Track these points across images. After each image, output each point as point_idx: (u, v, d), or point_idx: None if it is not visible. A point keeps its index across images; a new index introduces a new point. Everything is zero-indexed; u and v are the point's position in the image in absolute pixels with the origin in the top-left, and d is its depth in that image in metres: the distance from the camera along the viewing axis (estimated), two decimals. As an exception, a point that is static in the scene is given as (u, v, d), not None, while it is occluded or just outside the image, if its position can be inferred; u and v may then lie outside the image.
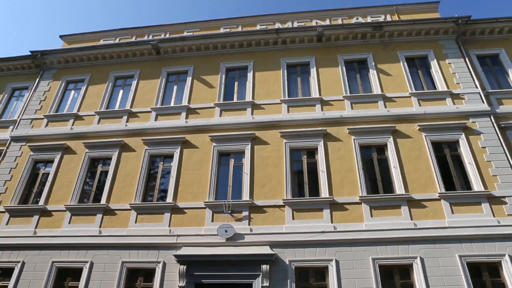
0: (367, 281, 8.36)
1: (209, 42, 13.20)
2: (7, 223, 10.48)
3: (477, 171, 9.62)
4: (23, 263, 9.66)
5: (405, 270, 8.59)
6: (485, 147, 10.00)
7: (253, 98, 11.89)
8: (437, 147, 10.31)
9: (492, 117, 10.50)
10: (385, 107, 11.12)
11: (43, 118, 12.68)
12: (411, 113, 10.80)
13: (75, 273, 9.44)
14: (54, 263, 9.55)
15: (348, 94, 11.52)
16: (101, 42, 15.55)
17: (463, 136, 10.26)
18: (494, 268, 8.43)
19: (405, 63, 12.08)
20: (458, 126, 10.42)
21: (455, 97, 11.08)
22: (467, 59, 11.84)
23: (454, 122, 10.48)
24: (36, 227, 10.27)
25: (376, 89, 11.58)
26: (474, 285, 8.13)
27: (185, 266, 8.84)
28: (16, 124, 12.74)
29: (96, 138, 11.76)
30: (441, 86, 11.41)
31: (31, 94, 13.60)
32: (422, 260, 8.49)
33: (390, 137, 10.45)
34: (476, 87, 11.16)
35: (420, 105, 11.02)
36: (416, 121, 10.67)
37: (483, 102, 10.82)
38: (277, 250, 8.93)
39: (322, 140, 10.62)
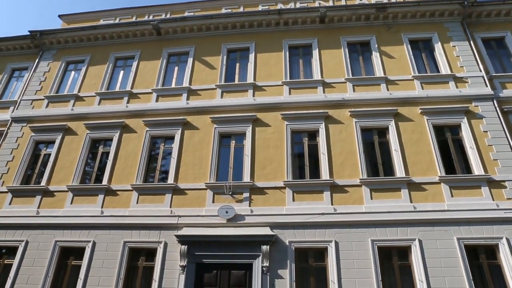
0: (366, 262, 8.49)
1: (210, 23, 13.02)
2: (10, 203, 10.59)
3: (478, 155, 9.62)
4: (27, 242, 9.80)
5: (404, 252, 8.71)
6: (486, 131, 9.97)
7: (254, 79, 11.79)
8: (438, 130, 10.28)
9: (495, 101, 10.42)
10: (388, 90, 11.04)
11: (43, 99, 12.64)
12: (414, 96, 10.73)
13: (78, 252, 9.59)
14: (57, 243, 9.69)
15: (351, 77, 11.41)
16: (101, 22, 15.32)
17: (465, 120, 10.21)
18: (491, 251, 8.55)
19: (409, 46, 11.91)
20: (461, 110, 10.36)
21: (459, 80, 10.98)
22: (472, 42, 11.67)
23: (457, 106, 10.42)
24: (38, 207, 10.37)
25: (378, 72, 11.46)
26: (471, 267, 8.24)
27: (186, 246, 8.97)
28: (17, 105, 12.70)
29: (97, 119, 11.74)
30: (444, 69, 11.29)
31: (31, 74, 13.51)
32: (420, 242, 8.59)
33: (391, 120, 10.41)
34: (480, 71, 11.04)
35: (422, 88, 10.93)
36: (418, 104, 10.60)
37: (487, 86, 10.72)
38: (277, 231, 9.04)
39: (323, 123, 10.59)
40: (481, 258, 8.50)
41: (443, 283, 8.07)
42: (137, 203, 10.03)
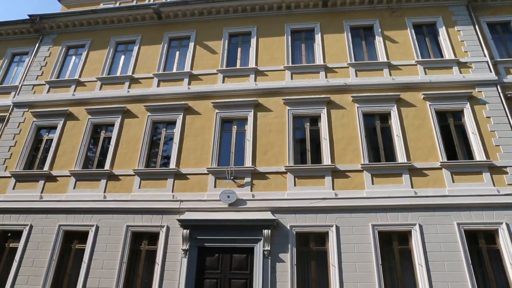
0: (366, 247, 8.58)
1: (212, 7, 12.83)
2: (13, 188, 10.68)
3: (480, 141, 9.60)
4: (31, 226, 9.93)
5: (404, 237, 8.79)
6: (489, 117, 9.92)
7: (256, 64, 11.70)
8: (441, 116, 10.23)
9: (498, 87, 10.34)
10: (390, 75, 10.94)
11: (44, 84, 12.59)
12: (416, 82, 10.64)
13: (82, 236, 9.72)
14: (61, 227, 9.81)
15: (353, 62, 11.29)
16: (101, 6, 15.16)
17: (468, 105, 10.15)
18: (491, 236, 8.62)
19: (413, 30, 11.75)
20: (464, 95, 10.28)
21: (462, 65, 10.87)
22: (477, 26, 11.49)
23: (460, 91, 10.33)
24: (42, 192, 10.45)
25: (381, 57, 11.34)
26: (470, 251, 8.32)
27: (188, 230, 9.06)
28: (18, 90, 12.67)
29: (98, 104, 11.72)
30: (448, 54, 11.16)
31: (31, 59, 13.42)
32: (421, 227, 8.65)
33: (394, 106, 10.35)
34: (484, 56, 10.91)
35: (426, 74, 10.83)
36: (421, 89, 10.53)
37: (491, 71, 10.61)
38: (279, 216, 9.11)
39: (325, 108, 10.55)
40: (480, 243, 8.57)
41: (443, 267, 8.16)
42: (139, 188, 10.09)
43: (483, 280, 8.22)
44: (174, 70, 12.19)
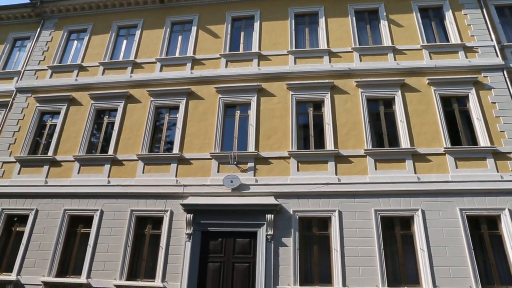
0: (368, 231, 8.64)
1: (214, -10, 12.66)
2: (18, 173, 10.77)
3: (485, 126, 9.54)
4: (37, 211, 10.06)
5: (406, 222, 8.84)
6: (495, 103, 9.83)
7: (259, 49, 11.57)
8: (445, 101, 10.14)
9: (505, 72, 10.21)
10: (395, 59, 10.81)
11: (47, 69, 12.54)
12: (421, 66, 10.51)
13: (87, 220, 9.85)
14: (66, 211, 9.93)
15: (357, 46, 11.14)
16: (102, -11, 14.95)
17: (473, 91, 10.04)
18: (493, 222, 8.66)
19: (418, 14, 11.54)
20: (469, 80, 10.16)
21: (468, 50, 10.71)
22: (484, 9, 11.26)
23: (465, 76, 10.21)
24: (46, 177, 10.54)
25: (386, 41, 11.19)
26: (472, 237, 8.36)
27: (191, 215, 9.14)
28: (20, 75, 12.63)
29: (101, 89, 11.68)
30: (454, 38, 10.99)
31: (33, 44, 13.33)
32: (423, 212, 8.68)
33: (398, 91, 10.26)
34: (491, 40, 10.73)
35: (431, 58, 10.69)
36: (426, 74, 10.41)
37: (497, 55, 10.46)
38: (282, 201, 9.16)
39: (329, 93, 10.47)
40: (482, 228, 8.60)
41: (444, 252, 8.23)
42: (143, 172, 10.14)
43: (484, 265, 8.28)
44: (177, 55, 12.08)
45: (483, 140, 9.42)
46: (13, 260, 9.60)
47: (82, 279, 8.97)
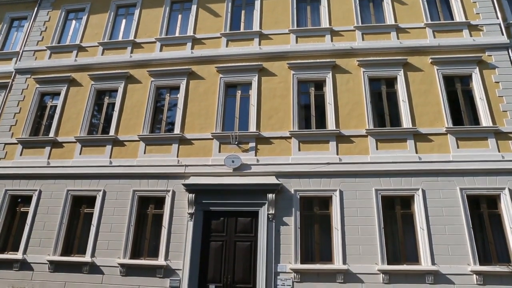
0: (369, 211, 8.72)
1: (215, -33, 12.35)
2: (21, 154, 10.79)
3: (487, 106, 9.49)
4: (40, 191, 10.13)
5: (406, 201, 8.91)
6: (498, 82, 9.74)
7: (260, 27, 11.39)
8: (448, 81, 10.05)
9: (510, 51, 10.09)
10: (398, 38, 10.65)
11: (45, 50, 12.39)
12: (425, 45, 10.37)
13: (90, 200, 9.93)
14: (69, 192, 10.00)
15: (360, 25, 10.97)
16: (99, -33, 14.61)
17: (476, 70, 9.94)
18: (493, 201, 8.72)
19: (423, -10, 11.32)
20: (473, 59, 10.04)
21: (473, 28, 10.53)
22: (490, -14, 11.04)
23: (469, 55, 10.08)
24: (49, 158, 10.57)
25: (389, 19, 11.00)
26: (471, 216, 8.44)
27: (193, 195, 9.21)
28: (19, 56, 12.49)
29: (101, 70, 11.58)
30: (459, 16, 10.80)
31: (30, 24, 13.14)
32: (423, 192, 8.74)
33: (400, 70, 10.15)
34: (497, 18, 10.55)
35: (434, 37, 10.54)
36: (429, 53, 10.28)
37: (503, 34, 10.30)
38: (283, 180, 9.21)
39: (330, 72, 10.37)
40: (482, 207, 8.67)
41: (444, 231, 8.32)
42: (144, 153, 10.16)
43: (483, 243, 8.39)
44: (177, 34, 11.90)
45: (485, 120, 9.38)
46: (18, 240, 9.73)
47: (87, 258, 9.12)
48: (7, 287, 9.13)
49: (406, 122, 9.55)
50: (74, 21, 13.05)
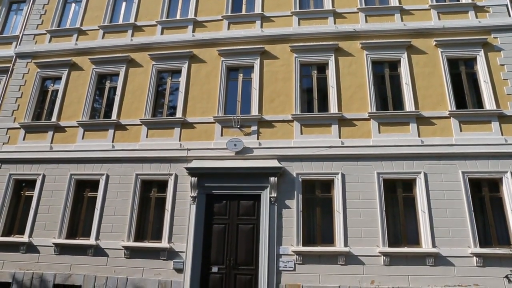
0: (371, 194, 8.76)
1: None
2: (23, 139, 10.82)
3: (492, 89, 9.39)
4: (44, 176, 10.20)
5: (408, 184, 8.93)
6: (503, 65, 9.61)
7: (262, 10, 11.22)
8: (452, 64, 9.92)
9: (516, 32, 9.93)
10: (402, 20, 10.48)
11: (45, 34, 12.28)
12: (429, 27, 10.21)
13: (93, 184, 10.01)
14: (72, 176, 10.07)
15: (363, 6, 10.77)
16: (98, -52, 14.33)
17: (481, 52, 9.80)
18: (494, 184, 8.72)
19: (428, -29, 11.07)
20: (478, 42, 9.88)
21: (479, 9, 10.34)
22: (498, -36, 10.77)
23: (474, 38, 9.92)
24: (51, 142, 10.61)
25: (393, 1, 10.81)
26: (473, 199, 8.46)
27: (196, 178, 9.26)
28: (19, 40, 12.40)
29: (102, 54, 11.48)
30: (465, -3, 10.61)
31: (30, 7, 12.96)
32: (425, 175, 8.75)
33: (404, 53, 10.03)
34: (504, -2, 10.36)
35: (439, 19, 10.36)
36: (433, 36, 10.12)
37: (509, 15, 10.12)
38: (285, 164, 9.22)
39: (333, 55, 10.26)
40: (483, 191, 8.69)
41: (445, 214, 8.36)
42: (146, 137, 10.17)
43: (484, 226, 8.44)
44: (178, 17, 11.75)
45: (489, 103, 9.31)
46: (24, 223, 9.86)
47: (91, 241, 9.24)
48: (15, 269, 9.32)
49: (409, 105, 9.49)
50: (73, 4, 12.87)
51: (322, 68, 10.39)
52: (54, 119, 10.86)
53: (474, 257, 7.97)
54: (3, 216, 10.02)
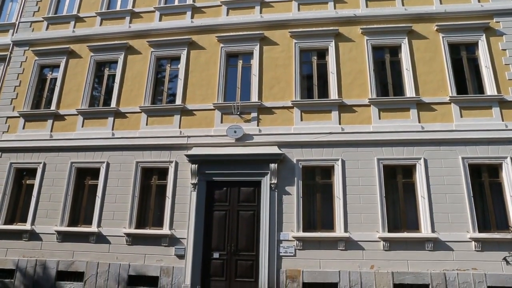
0: (371, 180, 8.79)
1: None
2: (23, 127, 10.81)
3: (493, 74, 9.33)
4: (44, 164, 10.22)
5: (408, 170, 8.95)
6: (505, 50, 9.53)
7: (261, -6, 11.09)
8: (453, 49, 9.83)
9: (518, 16, 9.81)
10: (403, 5, 10.34)
11: (42, 21, 12.14)
12: (430, 12, 10.08)
13: (94, 172, 10.04)
14: (73, 164, 10.09)
15: (364, -10, 10.64)
16: None
17: (483, 37, 9.70)
18: (494, 170, 8.75)
19: (429, -47, 10.87)
20: (480, 26, 9.77)
21: (481, -8, 10.22)
22: None
23: (476, 22, 9.81)
24: (51, 131, 10.60)
25: (395, -16, 10.67)
26: (472, 184, 8.50)
27: (196, 165, 9.28)
28: (16, 28, 12.26)
29: (100, 41, 11.37)
30: (466, -20, 10.45)
31: (26, -6, 12.82)
32: (425, 161, 8.77)
33: (405, 38, 9.93)
34: (507, -19, 10.20)
35: (441, 3, 10.22)
36: (434, 20, 10.01)
37: (513, -2, 10.01)
38: (285, 150, 9.22)
39: (333, 41, 10.15)
40: (483, 176, 8.72)
41: (444, 199, 8.41)
42: (146, 124, 10.15)
43: (483, 211, 8.50)
44: (176, 3, 11.60)
45: (490, 89, 9.26)
46: (26, 211, 9.92)
47: (93, 228, 9.32)
48: (18, 256, 9.42)
49: (409, 91, 9.44)
50: (70, -10, 12.70)
51: (322, 54, 10.31)
52: (53, 107, 10.82)
53: (473, 242, 8.04)
54: (5, 204, 10.08)
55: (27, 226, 9.62)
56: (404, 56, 9.82)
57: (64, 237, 9.43)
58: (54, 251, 9.35)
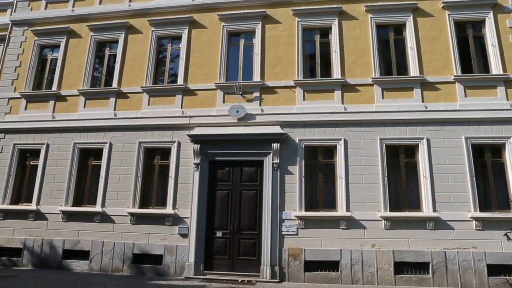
0: (373, 159, 8.80)
1: None
2: (25, 108, 10.82)
3: (499, 53, 9.18)
4: (48, 145, 10.27)
5: (411, 150, 8.94)
6: (512, 27, 9.36)
7: (263, -29, 10.81)
8: (459, 27, 9.65)
9: (529, -8, 9.57)
10: (409, -20, 10.13)
11: (41, 0, 11.96)
12: (437, -12, 9.87)
13: (97, 153, 10.10)
14: (76, 144, 10.14)
15: (368, -33, 10.37)
16: None
17: (490, 14, 9.49)
18: (497, 150, 8.73)
19: None
20: (488, 3, 9.54)
21: (491, -34, 9.94)
22: None
23: (484, -2, 9.58)
24: (53, 112, 10.60)
25: (401, -40, 10.38)
26: (475, 164, 8.50)
27: (198, 145, 9.30)
28: (14, 7, 12.09)
29: (99, 20, 11.22)
30: (475, -47, 10.13)
31: (24, -28, 12.57)
32: (428, 140, 8.74)
33: (410, 16, 9.73)
34: (517, -47, 9.90)
35: (448, -21, 9.99)
36: (441, -3, 9.81)
37: (523, -27, 9.74)
38: (288, 130, 9.21)
39: (336, 19, 9.96)
40: (486, 156, 8.72)
41: (446, 179, 8.44)
42: (148, 105, 10.12)
43: (484, 191, 8.54)
44: (177, -20, 11.37)
45: (495, 68, 9.13)
46: (31, 192, 10.05)
47: (98, 208, 9.44)
48: (25, 236, 9.58)
49: (413, 70, 9.32)
50: (68, -32, 12.43)
51: (325, 32, 10.14)
52: (54, 88, 10.79)
53: (474, 221, 8.10)
54: (10, 185, 10.19)
55: (32, 206, 9.75)
56: (409, 34, 9.65)
57: (69, 217, 9.57)
58: (60, 230, 9.50)
